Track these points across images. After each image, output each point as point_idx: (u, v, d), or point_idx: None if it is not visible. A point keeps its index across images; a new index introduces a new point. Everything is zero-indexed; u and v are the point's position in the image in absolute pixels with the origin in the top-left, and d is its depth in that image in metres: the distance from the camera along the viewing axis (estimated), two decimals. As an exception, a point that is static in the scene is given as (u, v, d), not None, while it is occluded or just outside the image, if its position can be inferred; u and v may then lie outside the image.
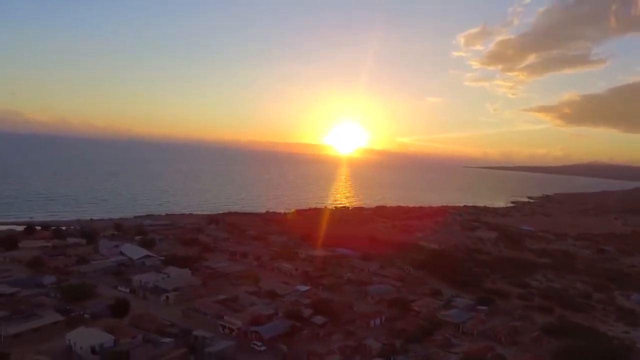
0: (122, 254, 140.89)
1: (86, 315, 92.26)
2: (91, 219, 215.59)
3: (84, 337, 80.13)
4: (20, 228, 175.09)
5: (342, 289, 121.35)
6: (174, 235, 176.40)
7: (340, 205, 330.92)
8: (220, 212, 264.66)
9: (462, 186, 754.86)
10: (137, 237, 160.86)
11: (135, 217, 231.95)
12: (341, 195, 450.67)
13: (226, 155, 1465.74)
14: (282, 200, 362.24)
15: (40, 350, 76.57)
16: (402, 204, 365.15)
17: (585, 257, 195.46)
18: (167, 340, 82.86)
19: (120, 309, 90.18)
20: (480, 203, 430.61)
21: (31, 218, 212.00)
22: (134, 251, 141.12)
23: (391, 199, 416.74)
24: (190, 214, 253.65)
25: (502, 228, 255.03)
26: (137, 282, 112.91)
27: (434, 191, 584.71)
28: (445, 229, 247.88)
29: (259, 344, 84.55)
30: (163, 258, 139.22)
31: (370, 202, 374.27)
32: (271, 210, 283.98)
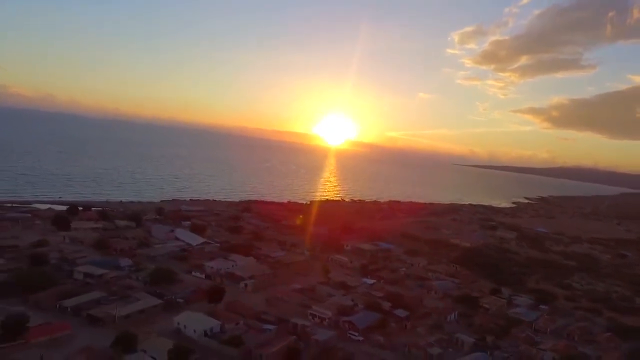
0: (177, 239, 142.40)
1: (179, 300, 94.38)
2: (121, 202, 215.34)
3: (193, 321, 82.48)
4: (58, 208, 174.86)
5: (404, 283, 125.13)
6: (215, 222, 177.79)
7: (357, 199, 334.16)
8: (243, 199, 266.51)
9: (459, 184, 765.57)
10: (185, 223, 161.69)
11: (161, 201, 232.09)
12: (349, 187, 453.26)
13: (217, 140, 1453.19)
14: (295, 190, 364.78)
15: (154, 331, 78.78)
16: (412, 200, 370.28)
17: (607, 262, 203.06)
18: (270, 327, 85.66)
19: (215, 295, 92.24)
20: (482, 202, 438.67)
21: (60, 197, 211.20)
22: (190, 237, 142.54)
23: (398, 194, 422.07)
24: (213, 200, 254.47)
25: (518, 228, 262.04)
26: (210, 268, 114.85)
27: (434, 188, 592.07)
28: (465, 227, 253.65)
29: (355, 334, 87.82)
30: (219, 245, 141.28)
31: (380, 196, 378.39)
32: (292, 201, 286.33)
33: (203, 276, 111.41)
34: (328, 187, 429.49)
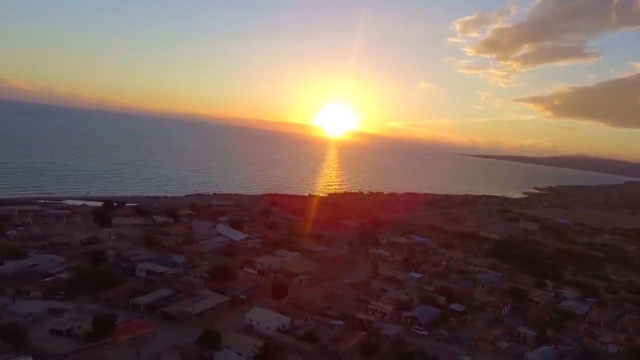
0: (219, 234, 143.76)
1: (241, 296, 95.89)
2: (147, 197, 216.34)
3: (264, 318, 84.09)
4: (91, 204, 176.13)
5: (448, 277, 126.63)
6: (248, 216, 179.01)
7: (375, 191, 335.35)
8: (265, 193, 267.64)
9: (465, 174, 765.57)
10: (222, 218, 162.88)
11: (186, 195, 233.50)
12: (361, 179, 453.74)
13: (219, 132, 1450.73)
14: (311, 183, 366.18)
15: (231, 327, 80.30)
16: (427, 192, 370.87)
17: (634, 252, 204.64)
18: (338, 322, 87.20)
19: (279, 291, 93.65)
20: (493, 193, 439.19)
21: (87, 193, 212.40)
22: (232, 232, 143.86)
23: (410, 186, 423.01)
24: (236, 194, 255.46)
25: (539, 220, 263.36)
26: (260, 264, 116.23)
27: (442, 179, 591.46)
28: (486, 218, 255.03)
29: (419, 328, 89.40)
30: (260, 240, 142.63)
31: (393, 188, 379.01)
32: (312, 194, 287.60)
33: (255, 272, 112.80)
34: (342, 179, 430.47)
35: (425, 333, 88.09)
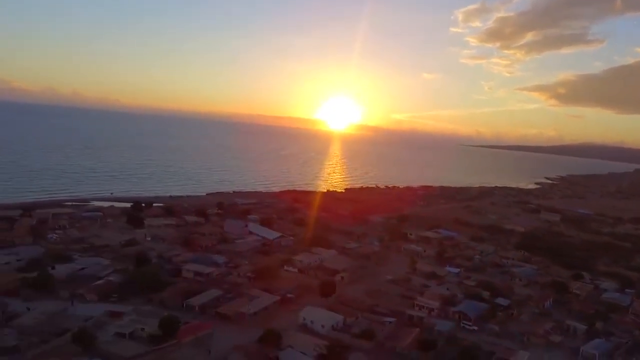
0: (251, 233, 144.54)
1: (289, 295, 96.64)
2: (170, 196, 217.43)
3: (318, 316, 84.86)
4: (119, 205, 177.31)
5: (484, 271, 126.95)
6: (275, 214, 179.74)
7: (391, 185, 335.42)
8: (281, 189, 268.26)
9: (474, 165, 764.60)
10: (251, 217, 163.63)
11: (208, 194, 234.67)
12: (373, 173, 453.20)
13: (223, 128, 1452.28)
14: (326, 178, 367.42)
15: (285, 326, 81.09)
16: (442, 185, 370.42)
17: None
18: (389, 319, 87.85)
19: (327, 289, 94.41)
20: (506, 184, 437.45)
21: (111, 194, 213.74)
22: (264, 231, 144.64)
23: (423, 179, 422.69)
24: (255, 191, 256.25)
25: (559, 211, 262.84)
26: (299, 262, 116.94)
27: (452, 170, 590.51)
28: (507, 210, 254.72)
29: (469, 323, 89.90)
30: (292, 238, 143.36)
31: (408, 181, 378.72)
32: (330, 189, 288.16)
33: (296, 270, 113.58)
34: (354, 173, 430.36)
35: (475, 328, 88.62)
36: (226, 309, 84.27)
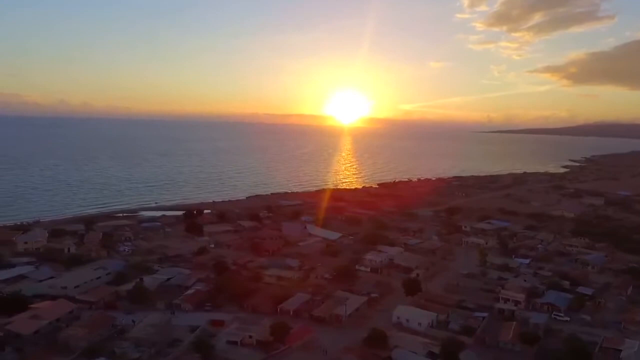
0: (310, 235, 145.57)
1: (373, 295, 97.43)
2: (213, 202, 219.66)
3: (412, 315, 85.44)
4: (170, 213, 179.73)
5: (552, 260, 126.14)
6: (324, 213, 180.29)
7: (423, 177, 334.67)
8: (317, 189, 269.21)
9: (492, 153, 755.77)
10: (304, 218, 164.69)
11: (247, 197, 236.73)
12: (397, 166, 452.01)
13: (238, 129, 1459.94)
14: (355, 174, 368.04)
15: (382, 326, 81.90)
16: (473, 174, 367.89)
17: None
18: (482, 314, 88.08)
19: (413, 287, 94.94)
20: (531, 169, 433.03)
21: (157, 203, 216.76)
22: (324, 232, 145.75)
23: (447, 169, 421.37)
24: (291, 192, 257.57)
25: (601, 194, 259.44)
26: (370, 261, 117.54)
27: (473, 158, 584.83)
28: (547, 197, 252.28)
29: (560, 314, 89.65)
30: (352, 237, 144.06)
31: (435, 173, 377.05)
32: (366, 186, 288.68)
33: (368, 270, 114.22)
34: (377, 167, 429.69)
35: (567, 319, 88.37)
36: (321, 311, 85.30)
